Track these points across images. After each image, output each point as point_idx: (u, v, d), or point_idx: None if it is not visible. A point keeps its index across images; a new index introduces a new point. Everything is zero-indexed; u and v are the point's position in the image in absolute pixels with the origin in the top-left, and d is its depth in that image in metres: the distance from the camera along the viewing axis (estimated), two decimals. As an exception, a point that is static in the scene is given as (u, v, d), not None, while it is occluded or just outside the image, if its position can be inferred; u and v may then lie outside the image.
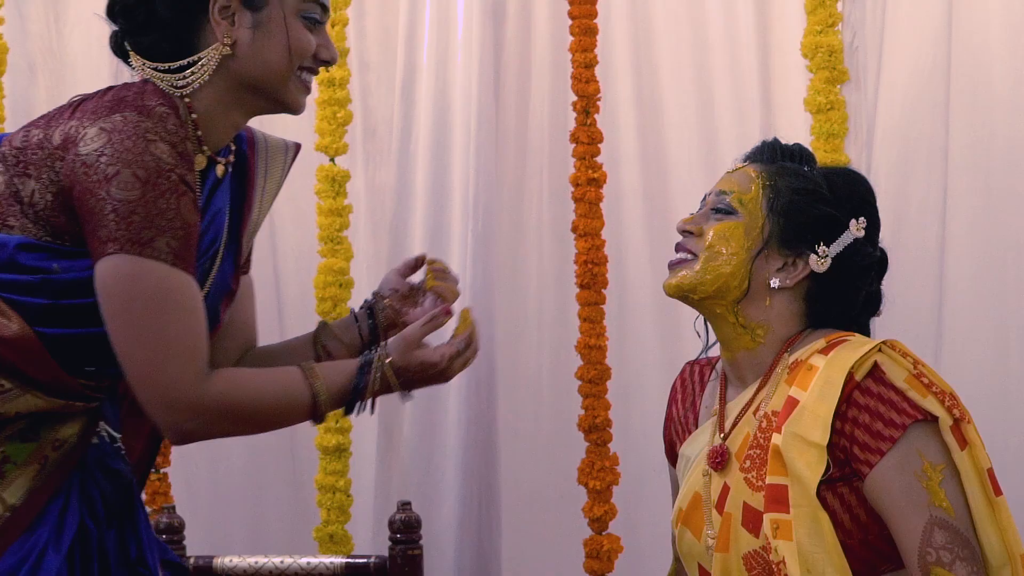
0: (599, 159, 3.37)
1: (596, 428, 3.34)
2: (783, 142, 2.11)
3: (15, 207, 1.84)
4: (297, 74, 1.95)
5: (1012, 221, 3.28)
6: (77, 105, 1.88)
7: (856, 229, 2.02)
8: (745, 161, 2.10)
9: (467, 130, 3.74)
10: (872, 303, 2.08)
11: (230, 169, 2.00)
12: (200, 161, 1.92)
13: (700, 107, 3.68)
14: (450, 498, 3.68)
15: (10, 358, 1.82)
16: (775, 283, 2.01)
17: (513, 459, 3.71)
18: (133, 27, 1.95)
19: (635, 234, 3.70)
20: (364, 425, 3.74)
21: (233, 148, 2.02)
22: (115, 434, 2.00)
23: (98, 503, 1.93)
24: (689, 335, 2.20)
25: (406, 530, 2.82)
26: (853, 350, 1.90)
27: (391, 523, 2.83)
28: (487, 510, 3.70)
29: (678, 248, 2.06)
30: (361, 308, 2.15)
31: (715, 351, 2.13)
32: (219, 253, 1.97)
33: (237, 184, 2.03)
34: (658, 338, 3.65)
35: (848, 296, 2.03)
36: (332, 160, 3.64)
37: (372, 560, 2.85)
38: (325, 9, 1.99)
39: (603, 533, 3.38)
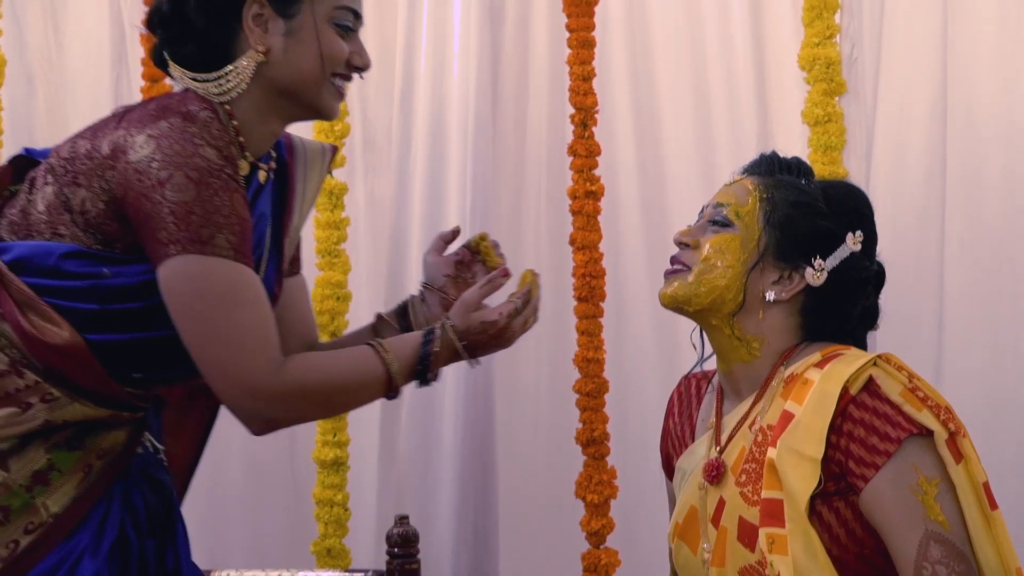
0: (597, 171, 3.36)
1: (594, 441, 3.32)
2: (781, 155, 2.11)
3: (65, 216, 1.89)
4: (331, 80, 2.00)
5: (1009, 232, 3.26)
6: (122, 116, 1.93)
7: (853, 243, 2.02)
8: (743, 173, 2.11)
9: (464, 141, 3.73)
10: (869, 317, 2.07)
11: (272, 176, 2.05)
12: (243, 166, 1.97)
13: (697, 118, 3.67)
14: (447, 512, 3.66)
15: (59, 365, 1.85)
16: (770, 296, 2.01)
17: (511, 472, 3.70)
18: (170, 37, 2.00)
19: (633, 247, 3.69)
20: (365, 438, 3.74)
21: (274, 155, 2.07)
22: (158, 444, 2.04)
23: (141, 513, 1.97)
24: (687, 348, 2.19)
25: (404, 544, 2.81)
26: (848, 364, 1.90)
27: (388, 537, 2.82)
28: (484, 523, 3.68)
29: (673, 260, 2.06)
30: (398, 307, 2.19)
31: (712, 364, 2.13)
32: (263, 258, 2.01)
33: (278, 190, 2.08)
34: (656, 351, 3.63)
35: (844, 310, 2.03)
36: (330, 173, 3.63)
37: (369, 574, 2.85)
38: (358, 16, 2.03)
39: (600, 547, 3.36)
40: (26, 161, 2.05)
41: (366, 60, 2.04)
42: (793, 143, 3.25)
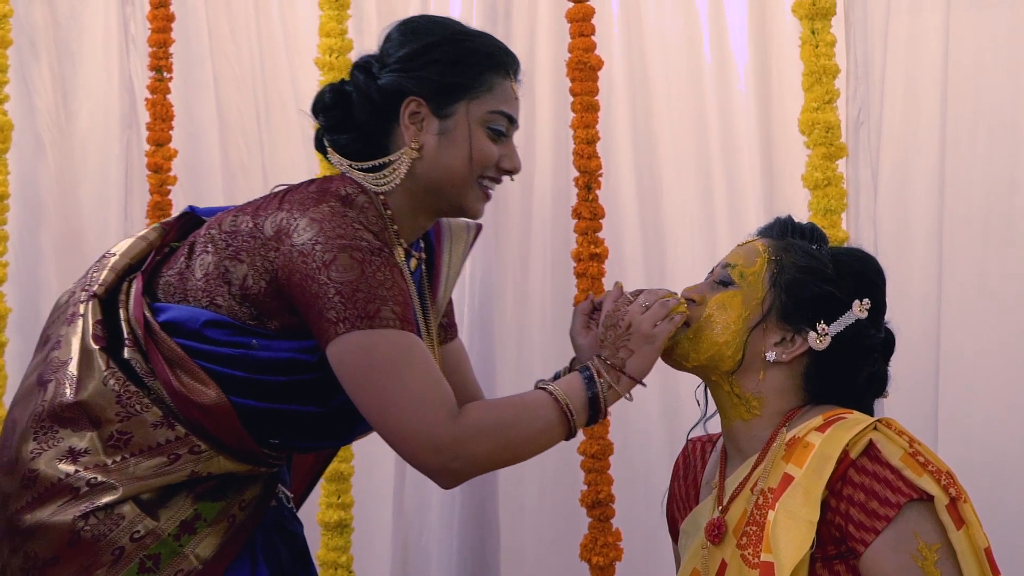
0: (601, 234, 3.37)
1: (599, 503, 3.31)
2: (796, 220, 2.13)
3: (223, 288, 1.97)
4: (478, 182, 2.08)
5: (1011, 294, 3.26)
6: (283, 196, 2.01)
7: (859, 310, 2.02)
8: (757, 235, 2.13)
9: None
10: (877, 384, 2.07)
11: (423, 266, 2.14)
12: (399, 253, 2.05)
13: (699, 181, 3.66)
14: (450, 574, 3.65)
15: (204, 423, 1.94)
16: (771, 356, 2.01)
17: (514, 535, 3.68)
18: (331, 125, 2.09)
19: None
20: (383, 499, 3.74)
21: (423, 244, 2.16)
22: (289, 494, 2.15)
23: (275, 565, 2.05)
24: (691, 409, 2.20)
25: (406, 608, 2.81)
26: (848, 428, 1.90)
27: (391, 601, 2.82)
28: (488, 586, 3.67)
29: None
30: (555, 376, 2.18)
31: (717, 426, 2.13)
32: None
33: (426, 276, 2.17)
34: (660, 412, 3.63)
35: (847, 375, 2.03)
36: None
37: (373, 637, 2.84)
38: (512, 121, 2.10)
39: (606, 610, 3.35)
40: (191, 219, 2.14)
41: (516, 164, 2.11)
42: (794, 206, 3.25)
